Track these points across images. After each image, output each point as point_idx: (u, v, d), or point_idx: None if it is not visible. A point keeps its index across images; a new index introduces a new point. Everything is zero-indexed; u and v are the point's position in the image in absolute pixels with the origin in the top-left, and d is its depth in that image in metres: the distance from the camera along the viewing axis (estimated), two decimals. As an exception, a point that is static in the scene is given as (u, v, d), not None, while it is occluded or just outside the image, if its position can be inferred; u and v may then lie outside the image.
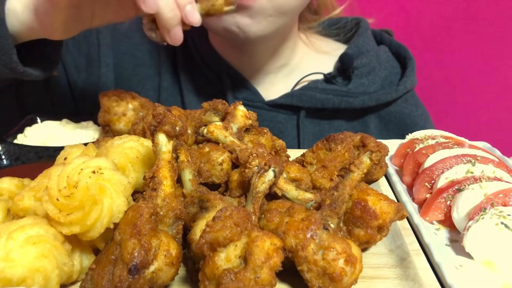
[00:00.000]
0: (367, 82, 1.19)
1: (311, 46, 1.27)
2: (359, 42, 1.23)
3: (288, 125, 1.20)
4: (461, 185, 0.74)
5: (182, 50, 1.22)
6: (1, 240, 0.54)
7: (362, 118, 1.22)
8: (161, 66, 1.24)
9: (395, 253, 0.67)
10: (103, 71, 1.22)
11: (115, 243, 0.54)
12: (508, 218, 0.64)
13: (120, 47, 1.25)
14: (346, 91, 1.17)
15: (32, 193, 0.63)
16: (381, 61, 1.22)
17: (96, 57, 1.22)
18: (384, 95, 1.17)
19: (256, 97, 1.20)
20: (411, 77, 1.21)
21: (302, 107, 1.17)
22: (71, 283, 0.60)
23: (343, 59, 1.19)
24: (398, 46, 1.28)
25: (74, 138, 0.93)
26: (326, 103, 1.15)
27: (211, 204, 0.62)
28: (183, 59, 1.23)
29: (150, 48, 1.26)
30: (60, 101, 1.24)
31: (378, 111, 1.22)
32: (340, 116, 1.21)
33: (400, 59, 1.27)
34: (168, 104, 1.16)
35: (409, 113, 1.21)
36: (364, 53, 1.21)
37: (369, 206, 0.64)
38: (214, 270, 0.51)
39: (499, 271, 0.62)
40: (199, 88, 1.22)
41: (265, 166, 0.64)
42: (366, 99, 1.16)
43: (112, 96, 0.89)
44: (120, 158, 0.69)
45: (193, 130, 0.84)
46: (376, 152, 0.75)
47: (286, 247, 0.57)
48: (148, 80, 1.25)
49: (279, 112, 1.20)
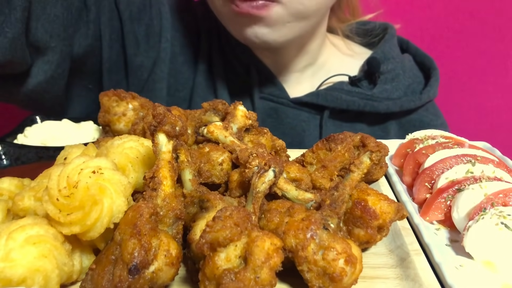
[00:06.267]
0: (391, 88, 1.19)
1: (337, 47, 1.29)
2: (386, 48, 1.23)
3: (311, 124, 1.21)
4: (461, 185, 0.74)
5: (218, 37, 1.22)
6: (1, 240, 0.54)
7: (383, 123, 1.22)
8: (201, 47, 1.23)
9: (395, 253, 0.67)
10: (164, 46, 1.18)
11: (115, 243, 0.54)
12: (508, 218, 0.64)
13: (175, 24, 1.21)
14: (371, 95, 1.17)
15: (32, 193, 0.63)
16: (406, 69, 1.23)
17: (158, 31, 1.18)
18: (408, 102, 1.18)
19: (281, 93, 1.20)
20: (435, 87, 1.22)
21: (326, 106, 1.17)
22: (71, 283, 0.60)
23: (371, 62, 1.20)
24: (423, 56, 1.29)
25: (74, 138, 0.93)
26: (352, 105, 1.16)
27: (211, 204, 0.62)
28: (219, 48, 1.22)
29: (193, 28, 1.23)
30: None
31: (400, 118, 1.22)
32: (362, 120, 1.22)
33: (423, 69, 1.28)
34: (203, 87, 1.20)
35: (429, 122, 1.23)
36: (390, 59, 1.22)
37: (369, 206, 0.64)
38: (214, 270, 0.51)
39: (499, 271, 0.62)
40: (229, 77, 1.22)
41: (265, 166, 0.64)
42: (390, 104, 1.16)
43: (112, 96, 0.89)
44: (120, 158, 0.69)
45: (193, 130, 0.84)
46: (376, 152, 0.75)
47: (286, 247, 0.57)
48: (190, 61, 1.23)
49: (303, 110, 1.20)
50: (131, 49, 1.18)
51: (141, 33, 1.17)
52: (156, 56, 1.19)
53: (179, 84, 1.23)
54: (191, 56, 1.23)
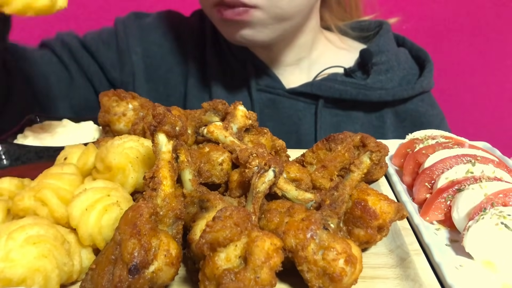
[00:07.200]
0: (385, 79, 1.23)
1: (332, 42, 1.34)
2: (380, 41, 1.27)
3: (307, 113, 1.26)
4: (461, 185, 0.74)
5: (212, 39, 1.30)
6: (1, 240, 0.54)
7: (379, 112, 1.26)
8: (188, 53, 1.31)
9: (395, 253, 0.67)
10: (134, 59, 1.28)
11: (115, 243, 0.54)
12: (508, 218, 0.64)
13: (147, 37, 1.30)
14: (364, 84, 1.22)
15: (32, 193, 0.63)
16: (400, 61, 1.27)
17: (126, 48, 1.28)
18: (401, 92, 1.22)
19: (277, 85, 1.26)
20: (428, 78, 1.25)
21: (320, 96, 1.23)
22: (71, 283, 0.60)
23: (364, 53, 1.24)
24: (418, 50, 1.33)
25: (74, 138, 0.93)
26: (344, 94, 1.21)
27: (211, 204, 0.62)
28: (212, 47, 1.29)
29: (175, 36, 1.32)
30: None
31: (395, 106, 1.26)
32: (358, 108, 1.26)
33: (419, 62, 1.32)
34: (197, 88, 1.28)
35: (424, 112, 1.26)
36: (384, 52, 1.26)
37: (369, 206, 0.64)
38: (214, 270, 0.51)
39: (499, 271, 0.62)
40: (225, 74, 1.28)
41: (265, 166, 0.64)
42: (383, 93, 1.21)
43: (112, 96, 0.88)
44: (120, 158, 0.69)
45: (193, 130, 0.84)
46: (376, 152, 0.75)
47: (286, 247, 0.57)
48: (176, 67, 1.31)
49: (299, 100, 1.26)
50: (111, 73, 1.29)
51: (114, 57, 1.28)
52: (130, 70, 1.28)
53: (169, 90, 1.31)
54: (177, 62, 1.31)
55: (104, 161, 0.69)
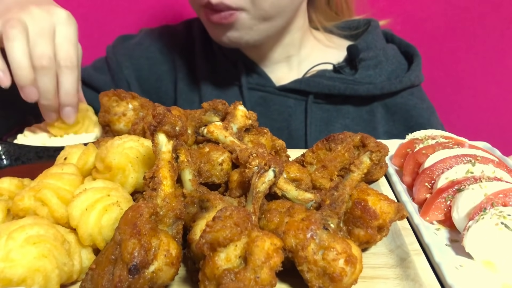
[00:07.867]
0: (374, 74, 1.24)
1: (320, 41, 1.36)
2: (368, 38, 1.30)
3: (297, 110, 1.29)
4: (461, 185, 0.74)
5: (202, 39, 1.35)
6: (1, 240, 0.54)
7: (369, 105, 1.28)
8: (176, 60, 1.38)
9: (395, 253, 0.67)
10: (126, 73, 1.36)
11: (115, 243, 0.54)
12: (508, 218, 0.64)
13: (134, 54, 1.38)
14: (353, 79, 1.24)
15: (32, 193, 0.63)
16: (389, 56, 1.28)
17: (116, 66, 1.36)
18: (389, 85, 1.23)
19: (267, 82, 1.30)
20: (417, 71, 1.27)
21: (310, 92, 1.25)
22: (71, 283, 0.60)
23: (350, 49, 1.26)
24: (407, 45, 1.35)
25: (74, 138, 0.93)
26: (333, 89, 1.23)
27: (211, 204, 0.62)
28: (202, 49, 1.35)
29: (160, 47, 1.39)
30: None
31: (384, 100, 1.27)
32: (348, 103, 1.27)
33: (408, 57, 1.33)
34: (186, 92, 1.34)
35: (414, 105, 1.27)
36: (372, 48, 1.27)
37: (369, 206, 0.64)
38: (214, 270, 0.51)
39: (499, 271, 0.62)
40: (215, 75, 1.33)
41: (265, 166, 0.64)
42: (371, 87, 1.22)
43: (112, 96, 0.89)
44: (120, 158, 0.69)
45: (193, 130, 0.84)
46: (376, 152, 0.75)
47: (286, 247, 0.57)
48: (165, 75, 1.38)
49: (289, 97, 1.29)
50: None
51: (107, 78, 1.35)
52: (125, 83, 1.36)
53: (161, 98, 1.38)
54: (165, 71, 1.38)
55: (104, 161, 0.69)
